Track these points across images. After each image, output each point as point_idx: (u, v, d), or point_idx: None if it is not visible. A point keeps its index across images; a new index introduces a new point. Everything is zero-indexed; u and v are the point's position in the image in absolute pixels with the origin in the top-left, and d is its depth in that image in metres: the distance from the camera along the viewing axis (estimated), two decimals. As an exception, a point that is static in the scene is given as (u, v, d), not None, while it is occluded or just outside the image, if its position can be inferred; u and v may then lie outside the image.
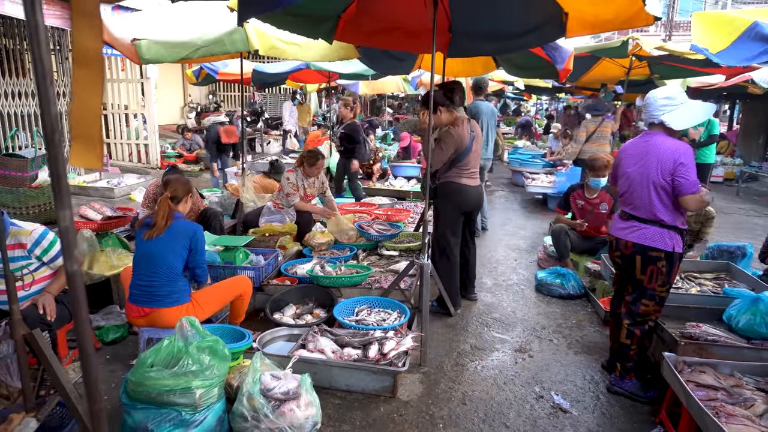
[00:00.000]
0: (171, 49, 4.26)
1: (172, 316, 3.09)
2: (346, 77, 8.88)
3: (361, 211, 6.24)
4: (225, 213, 5.84)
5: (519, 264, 5.63)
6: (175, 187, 3.28)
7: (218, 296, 3.31)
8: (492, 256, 5.87)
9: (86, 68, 1.22)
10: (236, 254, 4.10)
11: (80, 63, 1.21)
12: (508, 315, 4.26)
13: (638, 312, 3.00)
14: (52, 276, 3.12)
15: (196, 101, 17.58)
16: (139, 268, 3.14)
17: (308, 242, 4.98)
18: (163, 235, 3.10)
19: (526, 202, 9.11)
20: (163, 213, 3.14)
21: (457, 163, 3.97)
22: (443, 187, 4.03)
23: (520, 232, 7.01)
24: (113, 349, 3.57)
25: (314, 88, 12.60)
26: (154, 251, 3.09)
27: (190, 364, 2.46)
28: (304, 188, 5.36)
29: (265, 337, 3.37)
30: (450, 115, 3.98)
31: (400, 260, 4.71)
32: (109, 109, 11.05)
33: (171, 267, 3.08)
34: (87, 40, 1.20)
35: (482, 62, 5.49)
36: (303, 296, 3.96)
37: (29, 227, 3.01)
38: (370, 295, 3.90)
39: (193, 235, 3.13)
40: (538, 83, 12.64)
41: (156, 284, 3.07)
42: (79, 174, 9.77)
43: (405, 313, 3.59)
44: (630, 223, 3.02)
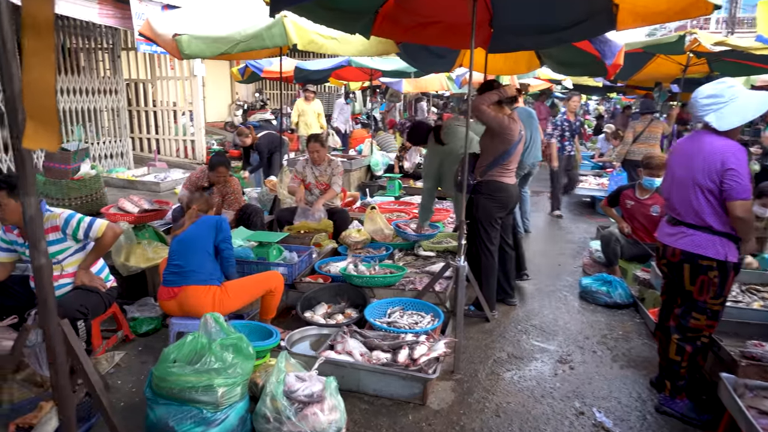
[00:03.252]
0: (211, 43, 4.27)
1: (199, 296, 3.07)
2: (389, 75, 8.80)
3: (399, 210, 6.12)
4: (264, 209, 5.84)
5: (563, 269, 5.38)
6: (200, 203, 3.46)
7: (249, 289, 3.28)
8: (535, 259, 5.63)
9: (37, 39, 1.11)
10: (270, 250, 4.07)
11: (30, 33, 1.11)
12: (549, 323, 4.05)
13: (688, 326, 2.76)
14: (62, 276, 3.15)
15: (243, 99, 17.90)
16: (173, 254, 3.18)
17: (344, 240, 4.91)
18: (191, 227, 3.14)
19: (572, 205, 8.77)
20: (192, 217, 3.24)
21: (501, 161, 3.80)
22: (486, 185, 3.87)
23: (565, 236, 6.73)
24: (146, 341, 3.58)
25: (357, 86, 12.57)
26: (185, 237, 3.18)
27: (212, 361, 2.41)
28: (315, 176, 5.28)
29: (294, 336, 3.30)
30: (500, 110, 3.81)
31: (436, 261, 4.57)
32: (158, 106, 11.35)
33: (200, 247, 3.17)
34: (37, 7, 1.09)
35: (525, 59, 5.28)
36: (335, 295, 3.88)
37: (59, 211, 3.11)
38: (404, 296, 3.78)
39: (217, 221, 3.26)
40: (588, 82, 12.20)
41: (184, 263, 3.12)
42: (129, 168, 10.07)
43: (438, 317, 3.45)
44: (678, 229, 2.78)
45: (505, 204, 3.92)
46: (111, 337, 3.45)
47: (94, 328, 3.26)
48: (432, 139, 4.59)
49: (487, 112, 3.67)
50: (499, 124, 3.71)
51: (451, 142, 4.47)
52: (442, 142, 4.49)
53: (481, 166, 3.90)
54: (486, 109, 3.67)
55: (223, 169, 4.68)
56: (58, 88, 8.74)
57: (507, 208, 3.97)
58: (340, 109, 13.36)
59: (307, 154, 5.23)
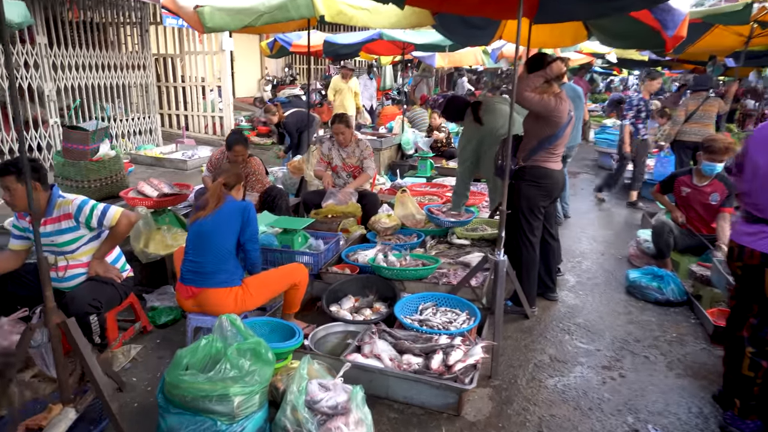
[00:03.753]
0: (234, 15, 4.00)
1: (220, 298, 2.87)
2: (422, 48, 8.39)
3: (431, 193, 5.81)
4: (288, 191, 5.62)
5: (606, 259, 5.01)
6: (229, 175, 3.11)
7: (271, 284, 3.05)
8: (575, 248, 5.28)
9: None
10: (294, 238, 3.84)
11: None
12: (593, 321, 3.73)
13: (767, 339, 2.42)
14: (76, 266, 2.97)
15: (273, 74, 17.66)
16: (189, 248, 2.94)
17: (373, 226, 4.64)
18: (214, 214, 2.88)
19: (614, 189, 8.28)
20: (214, 195, 2.92)
21: (547, 145, 3.45)
22: (531, 171, 3.53)
23: (607, 222, 6.32)
24: (165, 333, 3.42)
25: (388, 60, 12.16)
26: (204, 229, 2.90)
27: (228, 369, 2.19)
28: (342, 158, 4.99)
29: (319, 333, 3.08)
30: (547, 88, 3.44)
31: (472, 251, 4.27)
32: (187, 81, 11.20)
33: (221, 245, 2.87)
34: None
35: (572, 31, 4.84)
36: (363, 287, 3.63)
37: (72, 197, 2.93)
38: (437, 291, 3.51)
39: (244, 209, 2.96)
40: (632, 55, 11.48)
41: (204, 263, 2.87)
42: (157, 145, 10.00)
43: (475, 315, 3.17)
44: (757, 228, 2.42)
45: (550, 192, 3.58)
46: (128, 329, 3.29)
47: (109, 320, 3.10)
48: (470, 116, 4.24)
49: (531, 99, 3.31)
50: (546, 107, 3.35)
51: (491, 121, 4.11)
52: (481, 121, 4.14)
53: (525, 149, 3.56)
54: (530, 95, 3.30)
55: (240, 148, 4.42)
56: (86, 63, 8.65)
57: (551, 196, 3.64)
58: (364, 85, 12.94)
59: (337, 136, 4.94)
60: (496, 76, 19.82)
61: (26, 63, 7.67)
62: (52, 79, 8.11)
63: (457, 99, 4.62)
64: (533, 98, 3.31)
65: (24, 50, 7.60)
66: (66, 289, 2.94)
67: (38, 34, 7.80)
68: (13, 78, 1.90)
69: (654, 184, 7.41)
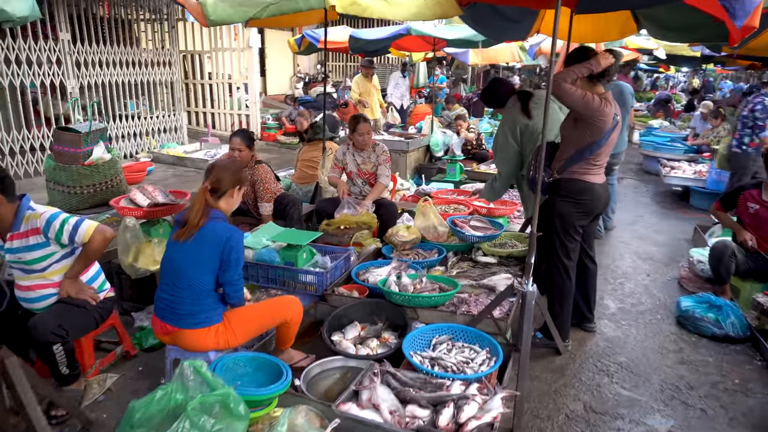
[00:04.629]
0: (237, 7, 3.66)
1: (198, 339, 2.50)
2: (454, 44, 7.92)
3: (458, 202, 5.33)
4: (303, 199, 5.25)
5: (653, 281, 4.45)
6: (219, 176, 2.61)
7: (257, 320, 2.66)
8: (617, 266, 4.73)
9: None
10: (299, 254, 3.45)
11: None
12: (638, 360, 3.22)
13: None
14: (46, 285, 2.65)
15: (305, 71, 17.44)
16: (163, 276, 2.57)
17: (390, 239, 4.21)
18: (192, 239, 2.48)
19: (660, 196, 7.63)
20: (198, 210, 2.52)
21: (588, 155, 2.96)
22: (567, 185, 3.04)
23: (653, 236, 5.71)
24: (150, 359, 3.10)
25: (420, 57, 11.67)
26: (177, 260, 2.50)
27: (187, 428, 1.81)
28: (357, 164, 4.57)
29: (314, 370, 2.68)
30: (591, 87, 2.95)
31: (498, 271, 3.79)
32: (214, 79, 11.01)
33: (196, 282, 2.47)
34: None
35: (619, 23, 4.31)
36: (371, 313, 3.21)
37: (41, 210, 2.60)
38: (454, 322, 3.06)
39: (226, 243, 2.48)
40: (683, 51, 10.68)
41: (178, 300, 2.49)
42: (182, 144, 9.83)
43: (497, 355, 2.70)
44: None
45: (590, 209, 3.09)
46: (109, 354, 2.97)
47: (85, 345, 2.79)
48: (516, 106, 3.72)
49: (571, 92, 2.81)
50: (587, 107, 2.85)
51: (539, 116, 3.60)
52: (529, 114, 3.64)
53: (561, 159, 3.07)
54: (570, 88, 2.81)
55: (237, 140, 4.01)
56: (110, 60, 8.51)
57: (592, 214, 3.14)
58: (395, 83, 12.49)
59: (351, 138, 4.52)
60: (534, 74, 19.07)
61: (49, 59, 7.57)
62: (75, 76, 8.00)
63: (503, 83, 4.05)
64: (574, 92, 2.81)
65: (47, 47, 7.50)
66: (36, 311, 2.64)
67: (61, 31, 7.69)
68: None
69: (706, 193, 6.78)
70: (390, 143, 7.40)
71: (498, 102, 3.92)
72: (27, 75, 7.29)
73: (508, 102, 3.78)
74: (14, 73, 7.12)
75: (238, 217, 4.57)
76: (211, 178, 2.61)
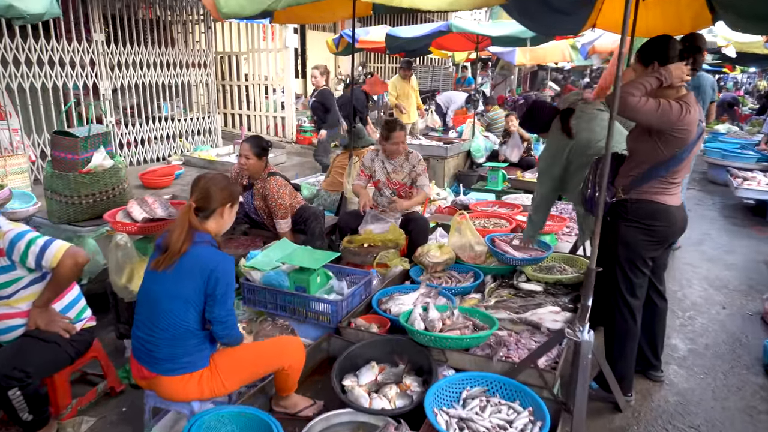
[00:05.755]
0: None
1: (176, 388, 2.09)
2: (499, 42, 7.34)
3: (499, 216, 4.78)
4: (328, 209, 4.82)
5: (730, 316, 3.78)
6: (206, 191, 2.21)
7: (250, 366, 2.23)
8: (684, 295, 4.08)
9: None
10: (311, 278, 3.01)
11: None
12: (717, 423, 2.61)
13: None
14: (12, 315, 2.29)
15: (346, 73, 17.14)
16: (139, 311, 2.17)
17: (419, 259, 3.71)
18: (173, 268, 2.07)
19: (729, 210, 6.82)
20: (180, 232, 2.10)
21: (663, 172, 2.38)
22: (636, 207, 2.47)
23: (724, 258, 4.99)
24: (137, 397, 2.70)
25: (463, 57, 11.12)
26: (155, 292, 2.10)
27: None
28: (387, 172, 4.07)
29: (315, 428, 2.22)
30: (670, 87, 2.38)
31: (545, 302, 3.23)
32: (250, 80, 10.78)
33: (176, 319, 2.06)
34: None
35: (691, 13, 3.73)
36: (390, 352, 2.73)
37: (6, 228, 2.24)
38: (490, 370, 2.54)
39: (211, 274, 2.05)
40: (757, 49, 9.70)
41: (155, 340, 2.09)
42: (216, 146, 9.62)
43: (543, 418, 2.17)
44: None
45: (663, 237, 2.51)
46: (90, 391, 2.61)
47: (59, 383, 2.43)
48: (557, 126, 3.19)
49: (640, 107, 2.24)
50: (665, 118, 2.27)
51: (582, 131, 3.06)
52: (570, 132, 3.09)
53: (627, 175, 2.50)
54: (638, 102, 2.24)
55: (246, 148, 3.68)
56: (145, 61, 8.37)
57: (666, 242, 2.56)
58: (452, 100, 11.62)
59: (382, 144, 4.05)
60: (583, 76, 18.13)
61: (82, 60, 7.46)
62: (109, 77, 7.87)
63: (542, 107, 3.45)
64: (643, 106, 2.25)
65: (80, 48, 7.38)
66: (3, 343, 2.30)
67: (95, 32, 7.57)
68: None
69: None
70: (427, 149, 6.91)
71: (542, 126, 3.36)
72: (60, 76, 7.18)
73: (553, 124, 3.24)
74: (47, 75, 7.03)
75: (255, 230, 4.19)
76: (197, 194, 2.20)
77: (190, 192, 2.24)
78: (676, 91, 2.38)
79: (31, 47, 6.76)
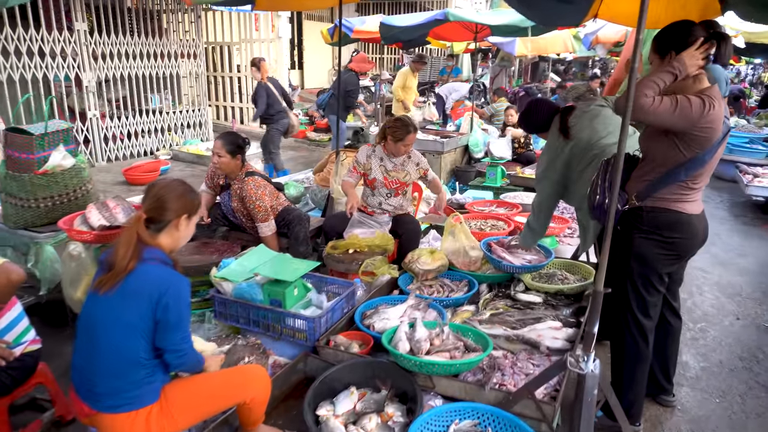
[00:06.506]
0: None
1: (120, 427, 1.81)
2: (498, 31, 7.03)
3: (495, 216, 4.49)
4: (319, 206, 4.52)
5: (745, 327, 3.51)
6: (160, 200, 1.92)
7: (207, 401, 1.95)
8: (695, 305, 3.80)
9: None
10: (287, 290, 2.73)
11: None
12: (738, 455, 2.34)
13: None
14: None
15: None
16: (79, 337, 1.89)
17: (409, 266, 3.43)
18: (115, 291, 1.79)
19: (738, 208, 6.53)
20: (126, 249, 1.82)
21: (683, 176, 2.08)
22: (652, 217, 2.18)
23: (737, 261, 4.71)
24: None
25: (462, 48, 10.78)
26: (96, 317, 1.82)
27: None
28: (385, 170, 3.74)
29: (281, 472, 1.95)
30: (696, 78, 2.09)
31: (544, 316, 2.95)
32: (242, 71, 10.45)
33: (119, 348, 1.78)
34: None
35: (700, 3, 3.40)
36: (372, 376, 2.46)
37: None
38: (482, 399, 2.26)
39: (161, 298, 1.77)
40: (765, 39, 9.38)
41: (96, 372, 1.81)
42: (206, 140, 9.32)
43: (540, 459, 1.91)
44: None
45: (683, 251, 2.21)
46: (33, 423, 2.33)
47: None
48: (556, 126, 2.89)
49: (654, 109, 1.93)
50: (684, 118, 1.97)
51: (582, 132, 2.77)
52: (568, 133, 2.80)
53: (642, 179, 2.20)
54: (651, 104, 1.93)
55: (218, 145, 3.41)
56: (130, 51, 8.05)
57: (685, 255, 2.26)
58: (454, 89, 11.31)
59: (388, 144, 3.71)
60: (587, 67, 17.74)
61: (63, 51, 7.14)
62: (93, 68, 7.56)
63: (540, 104, 3.12)
64: (657, 107, 1.94)
65: (61, 38, 7.06)
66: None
67: (77, 21, 7.24)
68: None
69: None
70: (423, 143, 6.59)
71: (540, 126, 3.05)
72: (39, 68, 6.88)
73: (552, 123, 2.94)
74: (26, 66, 6.72)
75: (235, 233, 3.91)
76: (148, 203, 1.92)
77: (142, 200, 1.95)
78: (696, 83, 2.08)
79: (7, 36, 6.45)
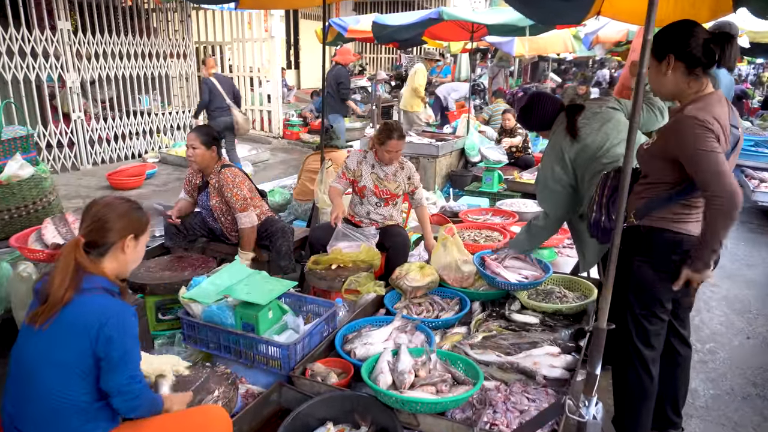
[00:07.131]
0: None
1: None
2: (496, 31, 6.79)
3: (490, 227, 4.25)
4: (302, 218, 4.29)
5: (756, 347, 3.28)
6: (100, 220, 1.68)
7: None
8: (702, 323, 3.58)
9: None
10: (261, 314, 2.50)
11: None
12: (754, 501, 2.12)
13: None
14: None
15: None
16: (10, 376, 1.66)
17: (397, 282, 3.20)
18: (49, 326, 1.56)
19: (744, 214, 6.28)
20: (63, 277, 1.59)
21: (686, 195, 1.86)
22: (651, 238, 1.95)
23: (745, 273, 4.48)
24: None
25: (458, 48, 10.54)
26: (28, 355, 1.60)
27: None
28: (377, 178, 3.52)
29: None
30: (696, 83, 1.86)
31: (540, 341, 2.72)
32: (234, 72, 10.22)
33: (53, 392, 1.56)
34: None
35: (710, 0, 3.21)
36: (351, 410, 2.23)
37: None
38: (470, 440, 2.03)
39: (100, 331, 1.54)
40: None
41: (28, 417, 1.59)
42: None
43: None
44: None
45: (689, 272, 1.99)
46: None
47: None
48: (561, 124, 2.66)
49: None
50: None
51: (591, 136, 2.54)
52: (576, 134, 2.56)
53: (641, 195, 1.98)
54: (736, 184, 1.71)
55: (192, 137, 3.25)
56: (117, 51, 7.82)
57: (691, 277, 2.04)
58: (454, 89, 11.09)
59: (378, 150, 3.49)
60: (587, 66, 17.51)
61: (45, 51, 6.91)
62: (77, 69, 7.32)
63: (544, 99, 2.83)
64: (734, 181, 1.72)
65: (43, 37, 6.82)
66: None
67: (59, 20, 7.01)
68: None
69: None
70: (417, 147, 6.37)
71: (542, 124, 2.80)
72: (20, 68, 6.65)
73: (556, 122, 2.70)
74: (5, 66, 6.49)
75: (215, 245, 3.68)
76: (86, 224, 1.69)
77: (80, 222, 1.73)
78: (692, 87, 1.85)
79: (-16, 36, 6.24)
